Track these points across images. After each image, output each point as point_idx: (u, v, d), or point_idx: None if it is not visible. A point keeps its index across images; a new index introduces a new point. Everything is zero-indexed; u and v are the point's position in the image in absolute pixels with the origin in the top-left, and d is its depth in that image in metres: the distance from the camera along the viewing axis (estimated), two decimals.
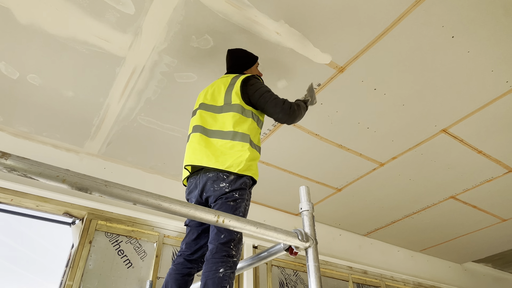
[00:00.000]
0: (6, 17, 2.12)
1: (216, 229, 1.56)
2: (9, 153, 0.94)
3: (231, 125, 1.75)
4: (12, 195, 2.74)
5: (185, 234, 1.80)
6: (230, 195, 1.62)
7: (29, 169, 0.96)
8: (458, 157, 3.44)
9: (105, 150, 3.19)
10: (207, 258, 1.51)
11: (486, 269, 6.50)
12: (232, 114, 1.79)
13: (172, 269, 1.70)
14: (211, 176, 1.68)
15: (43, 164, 0.98)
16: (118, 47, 2.32)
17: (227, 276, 1.45)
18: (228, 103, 1.84)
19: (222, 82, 1.99)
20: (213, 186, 1.65)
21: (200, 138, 1.77)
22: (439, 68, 2.53)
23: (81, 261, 2.73)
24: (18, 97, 2.64)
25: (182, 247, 1.75)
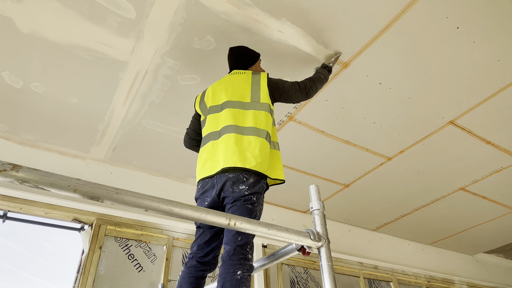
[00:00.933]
0: (8, 27, 2.13)
1: (234, 231, 1.56)
2: (20, 165, 0.95)
3: (265, 124, 1.80)
4: (21, 203, 2.77)
5: (196, 236, 1.78)
6: (248, 197, 1.63)
7: (40, 180, 0.96)
8: (466, 149, 3.42)
9: (111, 155, 3.21)
10: (224, 260, 1.51)
11: (498, 260, 6.46)
12: (264, 113, 1.83)
13: (185, 272, 1.69)
14: (231, 177, 1.66)
15: (54, 175, 0.98)
16: (120, 52, 2.33)
17: (244, 279, 1.45)
18: (257, 101, 1.86)
19: (243, 78, 1.96)
20: (232, 188, 1.64)
21: (231, 138, 1.73)
22: (444, 60, 2.51)
23: (92, 266, 2.75)
24: (22, 105, 2.66)
25: (194, 249, 1.74)
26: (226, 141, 1.73)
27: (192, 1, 2.07)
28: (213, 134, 1.83)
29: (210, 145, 1.81)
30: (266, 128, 1.79)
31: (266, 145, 1.75)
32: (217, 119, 1.87)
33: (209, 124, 1.89)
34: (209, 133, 1.86)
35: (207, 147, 1.82)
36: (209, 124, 1.89)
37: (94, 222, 2.96)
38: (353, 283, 4.27)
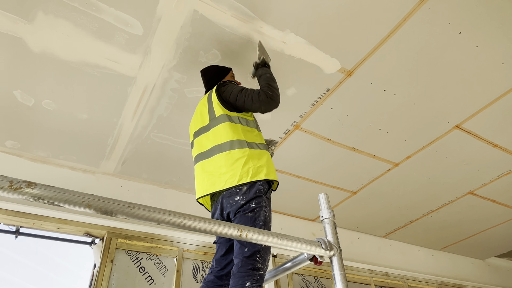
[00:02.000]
0: (19, 47, 2.16)
1: (239, 243, 1.55)
2: (35, 183, 0.95)
3: (225, 136, 1.74)
4: (34, 219, 2.78)
5: (215, 251, 1.79)
6: (246, 206, 1.60)
7: (55, 196, 0.97)
8: (473, 152, 3.38)
9: (120, 169, 3.22)
10: (233, 273, 1.50)
11: (510, 264, 6.32)
12: (222, 125, 1.79)
13: (202, 287, 1.69)
14: (225, 194, 1.68)
15: (68, 191, 0.99)
16: (128, 67, 2.35)
17: None
18: (214, 117, 1.85)
19: (202, 103, 2.03)
20: (229, 202, 1.64)
21: (203, 165, 1.78)
22: (448, 65, 2.50)
23: (104, 280, 2.74)
24: (34, 123, 2.69)
25: (213, 264, 1.74)
26: (198, 172, 1.82)
27: (198, 16, 2.09)
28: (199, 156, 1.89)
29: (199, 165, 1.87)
30: (230, 137, 1.73)
31: (233, 155, 1.68)
32: (193, 153, 1.97)
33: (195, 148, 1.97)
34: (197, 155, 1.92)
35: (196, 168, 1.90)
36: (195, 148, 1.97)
37: (105, 235, 2.96)
38: None
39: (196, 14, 2.08)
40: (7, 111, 2.57)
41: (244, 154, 1.67)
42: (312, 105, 2.77)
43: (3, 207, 2.69)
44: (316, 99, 2.72)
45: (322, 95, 2.68)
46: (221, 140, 1.74)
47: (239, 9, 2.07)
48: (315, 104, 2.76)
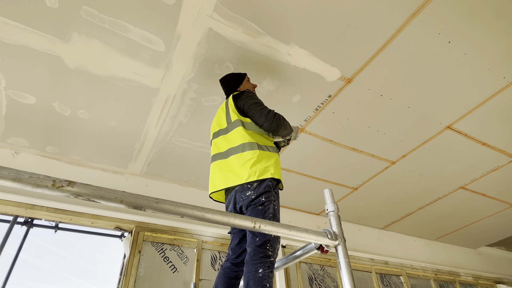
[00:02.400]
0: (57, 64, 2.22)
1: (251, 233, 1.55)
2: (74, 181, 0.98)
3: (239, 139, 1.75)
4: (71, 215, 2.82)
5: (230, 240, 1.79)
6: (257, 200, 1.60)
7: (92, 193, 0.99)
8: (464, 150, 3.32)
9: (146, 170, 3.26)
10: (247, 261, 1.50)
11: (500, 252, 6.17)
12: (236, 130, 1.80)
13: (221, 273, 1.69)
14: (237, 189, 1.69)
15: (103, 188, 1.01)
16: (152, 80, 2.39)
17: (266, 276, 1.42)
18: (230, 122, 1.86)
19: (221, 108, 2.04)
20: (241, 197, 1.65)
21: (220, 164, 1.80)
22: (439, 71, 2.47)
23: (133, 269, 2.76)
24: (70, 130, 2.74)
25: (229, 253, 1.74)
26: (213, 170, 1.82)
27: (212, 34, 2.11)
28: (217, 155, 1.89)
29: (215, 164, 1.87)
30: (243, 140, 1.73)
31: (244, 156, 1.69)
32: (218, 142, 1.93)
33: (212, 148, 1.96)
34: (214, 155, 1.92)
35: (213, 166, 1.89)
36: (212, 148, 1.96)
37: (133, 229, 2.99)
38: (366, 278, 4.15)
39: (211, 31, 2.10)
40: (47, 120, 2.63)
41: (254, 156, 1.67)
42: (316, 110, 2.76)
43: (45, 205, 2.74)
44: (319, 105, 2.71)
45: (325, 101, 2.67)
46: (235, 143, 1.75)
47: (249, 26, 2.08)
48: (318, 109, 2.75)
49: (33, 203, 2.71)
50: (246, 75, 2.20)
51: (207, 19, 2.03)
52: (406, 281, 4.47)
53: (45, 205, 2.74)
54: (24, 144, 2.84)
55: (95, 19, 1.99)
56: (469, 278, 5.32)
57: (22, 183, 0.93)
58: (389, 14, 2.07)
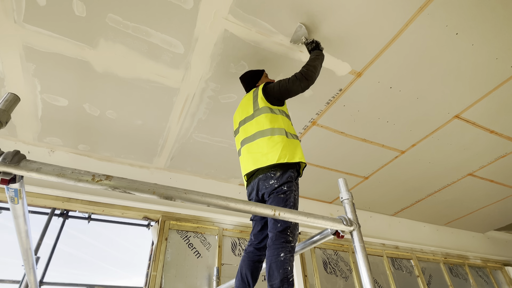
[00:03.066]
0: (86, 68, 2.27)
1: (273, 219, 1.56)
2: (112, 176, 1.01)
3: (267, 123, 1.77)
4: (103, 206, 2.92)
5: (252, 227, 1.81)
6: (279, 189, 1.61)
7: (127, 186, 1.02)
8: (472, 138, 3.23)
9: (169, 164, 3.32)
10: (269, 245, 1.52)
11: (508, 236, 6.01)
12: (264, 115, 1.82)
13: (245, 257, 1.71)
14: (261, 177, 1.69)
15: (137, 181, 1.04)
16: (173, 80, 2.42)
17: (287, 259, 1.45)
18: (258, 109, 1.88)
19: (247, 98, 2.05)
20: (264, 185, 1.66)
21: (248, 148, 1.80)
22: (447, 62, 2.40)
23: (161, 254, 2.84)
24: (100, 129, 2.82)
25: (252, 238, 1.76)
26: (245, 154, 1.81)
27: (228, 35, 2.12)
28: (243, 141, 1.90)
29: (243, 150, 1.88)
30: (271, 125, 1.76)
31: (274, 139, 1.71)
32: (238, 139, 1.97)
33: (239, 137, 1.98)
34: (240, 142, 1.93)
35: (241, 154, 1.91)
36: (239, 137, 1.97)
37: (160, 218, 3.07)
38: (377, 262, 4.13)
39: (227, 32, 2.11)
40: (79, 121, 2.71)
41: (282, 140, 1.70)
42: (327, 103, 2.74)
43: (79, 198, 2.84)
44: (330, 98, 2.69)
45: (336, 94, 2.65)
46: (263, 127, 1.77)
47: (262, 25, 2.08)
48: (329, 103, 2.73)
49: (69, 196, 2.81)
50: (264, 71, 2.21)
51: (223, 21, 2.03)
52: (417, 264, 4.43)
53: (80, 198, 2.84)
54: (59, 143, 2.94)
55: (119, 26, 2.02)
56: (478, 261, 5.22)
57: (66, 178, 0.97)
58: (397, 9, 2.03)
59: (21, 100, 2.50)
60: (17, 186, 0.98)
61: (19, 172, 0.92)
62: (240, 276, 1.63)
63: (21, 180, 0.99)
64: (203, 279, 2.90)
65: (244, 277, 1.61)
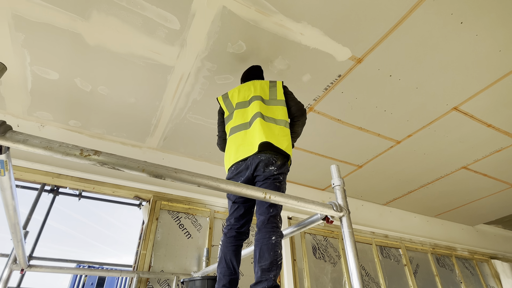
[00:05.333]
0: (78, 41, 2.22)
1: (266, 204, 1.61)
2: (100, 151, 1.01)
3: (282, 115, 1.88)
4: (94, 184, 2.93)
5: (231, 210, 1.78)
6: (277, 177, 1.68)
7: (116, 162, 1.02)
8: (469, 131, 3.26)
9: (162, 144, 3.31)
10: (260, 228, 1.56)
11: (496, 230, 6.18)
12: (281, 107, 1.92)
13: (227, 242, 1.70)
14: (263, 159, 1.70)
15: (127, 158, 1.04)
16: (168, 58, 2.38)
17: (278, 243, 1.51)
18: (274, 98, 1.96)
19: (260, 83, 2.04)
20: (263, 168, 1.68)
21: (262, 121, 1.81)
22: (449, 52, 2.39)
23: (151, 234, 2.88)
24: (91, 105, 2.79)
25: (231, 222, 1.75)
26: (258, 125, 1.78)
27: (226, 12, 2.07)
28: (244, 125, 1.87)
29: (243, 133, 1.83)
30: (285, 118, 1.88)
31: (285, 130, 1.83)
32: (245, 112, 1.92)
33: (237, 117, 1.93)
34: (239, 124, 1.88)
35: (239, 135, 1.84)
36: (237, 117, 1.92)
37: (151, 198, 3.09)
38: (366, 250, 4.24)
39: (225, 10, 2.06)
40: (70, 95, 2.67)
41: (289, 134, 1.86)
42: (325, 89, 2.72)
43: (70, 174, 2.84)
44: (328, 84, 2.67)
45: (334, 80, 2.63)
46: (278, 117, 1.87)
47: (262, 4, 2.03)
48: (327, 89, 2.72)
49: (59, 172, 2.81)
50: None
51: None
52: (405, 254, 4.56)
53: (70, 174, 2.84)
54: (49, 117, 2.91)
55: None
56: (465, 253, 5.38)
57: (53, 151, 0.97)
58: None
59: (11, 72, 2.45)
60: (3, 157, 0.98)
61: (4, 143, 0.91)
62: (225, 263, 1.62)
63: (8, 151, 0.98)
64: (193, 259, 2.96)
65: (229, 262, 1.62)
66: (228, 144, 1.88)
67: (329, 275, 3.68)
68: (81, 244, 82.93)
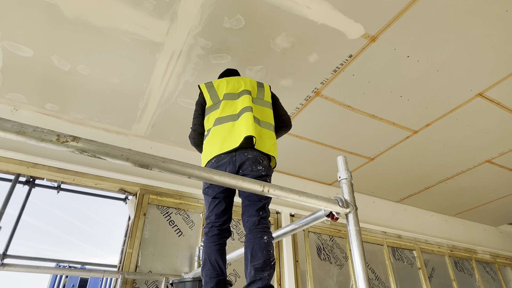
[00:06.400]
0: (55, 13, 2.20)
1: (257, 207, 1.71)
2: (79, 137, 1.02)
3: (269, 118, 2.00)
4: (74, 175, 2.94)
5: (211, 206, 1.80)
6: (264, 178, 1.77)
7: (97, 150, 1.03)
8: (494, 121, 3.26)
9: (150, 132, 3.32)
10: (251, 229, 1.65)
11: None
12: (268, 109, 2.03)
13: (210, 242, 1.71)
14: (250, 157, 1.76)
15: (109, 145, 1.05)
16: (156, 33, 2.36)
17: (270, 243, 1.62)
18: (261, 98, 2.06)
19: (250, 80, 2.12)
20: (251, 167, 1.74)
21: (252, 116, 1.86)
22: (475, 31, 2.36)
23: (138, 231, 2.92)
24: (70, 86, 2.78)
25: (212, 219, 1.77)
26: (247, 118, 1.84)
27: None
28: (232, 116, 1.91)
29: (231, 125, 1.87)
30: (270, 121, 1.99)
31: (272, 134, 1.94)
32: (234, 104, 1.97)
33: (224, 108, 1.95)
34: (227, 115, 1.91)
35: (226, 126, 1.87)
36: (224, 108, 1.95)
37: (138, 192, 3.11)
38: (377, 251, 4.29)
39: None
40: (46, 75, 2.66)
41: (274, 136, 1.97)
42: (334, 71, 2.71)
43: (47, 164, 2.86)
44: (338, 66, 2.66)
45: (344, 61, 2.62)
46: (265, 118, 1.97)
47: None
48: (336, 71, 2.70)
49: (35, 161, 2.82)
50: None
51: None
52: (419, 256, 4.61)
53: (48, 164, 2.85)
54: (23, 100, 2.91)
55: None
56: (487, 256, 5.45)
57: (26, 137, 0.97)
58: None
59: None
60: None
61: None
62: (210, 264, 1.65)
63: None
64: (184, 259, 3.00)
65: (215, 263, 1.65)
66: (212, 135, 1.89)
67: (334, 278, 3.74)
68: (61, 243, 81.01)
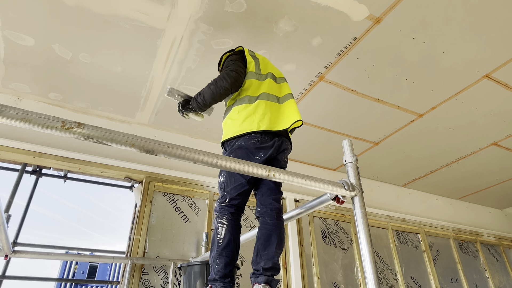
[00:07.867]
0: (55, 1, 2.17)
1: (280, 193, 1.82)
2: (84, 123, 1.01)
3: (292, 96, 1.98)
4: (80, 164, 2.97)
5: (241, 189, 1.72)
6: None
7: (102, 136, 1.03)
8: (501, 103, 3.22)
9: (154, 119, 3.32)
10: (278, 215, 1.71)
11: None
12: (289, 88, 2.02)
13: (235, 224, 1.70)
14: (289, 148, 1.88)
15: (114, 131, 1.04)
16: (157, 19, 2.33)
17: None
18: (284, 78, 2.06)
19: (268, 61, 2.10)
20: (287, 158, 1.91)
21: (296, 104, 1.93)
22: (483, 10, 2.31)
23: (145, 218, 2.95)
24: (73, 75, 2.77)
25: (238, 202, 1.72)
26: (292, 105, 1.87)
27: None
28: (277, 98, 1.88)
29: (277, 106, 1.84)
30: None
31: None
32: (278, 87, 1.95)
33: (270, 86, 1.89)
34: (273, 94, 1.86)
35: (274, 105, 1.82)
36: (270, 86, 1.88)
37: (143, 179, 3.14)
38: (381, 235, 4.32)
39: None
40: (48, 64, 2.65)
41: None
42: (338, 55, 2.67)
43: (53, 153, 2.88)
44: (342, 49, 2.62)
45: (349, 44, 2.58)
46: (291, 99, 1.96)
47: None
48: (340, 54, 2.67)
49: (41, 151, 2.84)
50: None
51: None
52: (424, 239, 4.64)
53: (54, 153, 2.87)
54: (26, 90, 2.91)
55: None
56: (492, 239, 5.47)
57: (31, 124, 0.97)
58: None
59: None
60: None
61: None
62: (234, 246, 1.65)
63: None
64: (191, 245, 3.05)
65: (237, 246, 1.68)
66: (260, 107, 1.76)
67: (339, 261, 3.78)
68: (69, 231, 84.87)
